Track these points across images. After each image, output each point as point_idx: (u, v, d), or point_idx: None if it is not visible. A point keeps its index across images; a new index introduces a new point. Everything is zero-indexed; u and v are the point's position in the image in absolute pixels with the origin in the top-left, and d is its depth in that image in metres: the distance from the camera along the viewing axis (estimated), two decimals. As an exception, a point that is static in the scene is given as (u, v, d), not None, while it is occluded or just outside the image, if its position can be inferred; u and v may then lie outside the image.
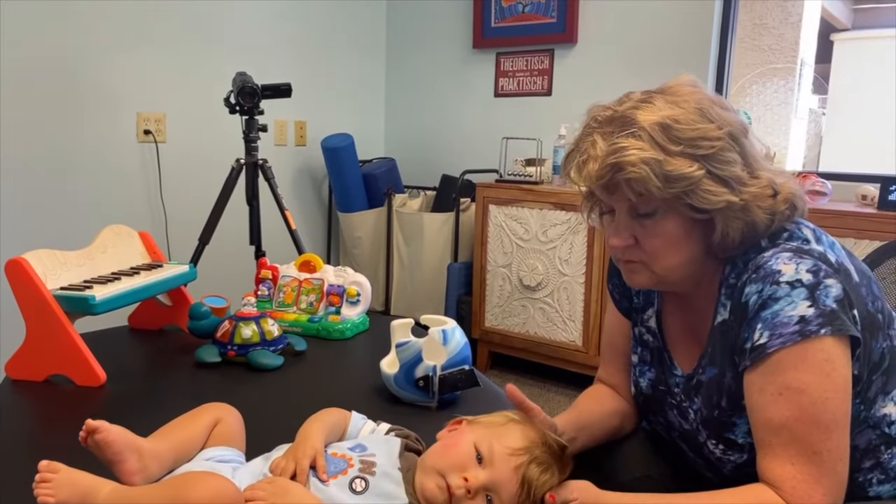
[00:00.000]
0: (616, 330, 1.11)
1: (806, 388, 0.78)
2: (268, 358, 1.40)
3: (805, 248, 0.84)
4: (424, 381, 1.21)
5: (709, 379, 0.91)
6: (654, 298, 1.04)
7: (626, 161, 0.82)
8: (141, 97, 2.68)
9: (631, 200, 0.86)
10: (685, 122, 0.83)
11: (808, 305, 0.79)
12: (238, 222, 2.57)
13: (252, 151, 2.33)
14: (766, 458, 0.82)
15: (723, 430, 0.89)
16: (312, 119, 3.40)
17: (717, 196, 0.83)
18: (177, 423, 0.86)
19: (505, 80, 3.36)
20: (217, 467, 0.78)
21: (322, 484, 0.78)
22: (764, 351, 0.81)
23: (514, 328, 2.96)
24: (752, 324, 0.82)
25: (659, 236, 0.87)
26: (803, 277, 0.80)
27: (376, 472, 0.80)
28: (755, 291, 0.83)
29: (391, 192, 3.33)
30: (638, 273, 0.92)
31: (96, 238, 1.51)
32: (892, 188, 2.07)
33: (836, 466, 0.79)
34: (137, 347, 1.57)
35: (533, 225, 2.84)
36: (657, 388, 1.03)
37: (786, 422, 0.79)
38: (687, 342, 0.99)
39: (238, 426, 0.89)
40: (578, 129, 0.91)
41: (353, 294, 1.67)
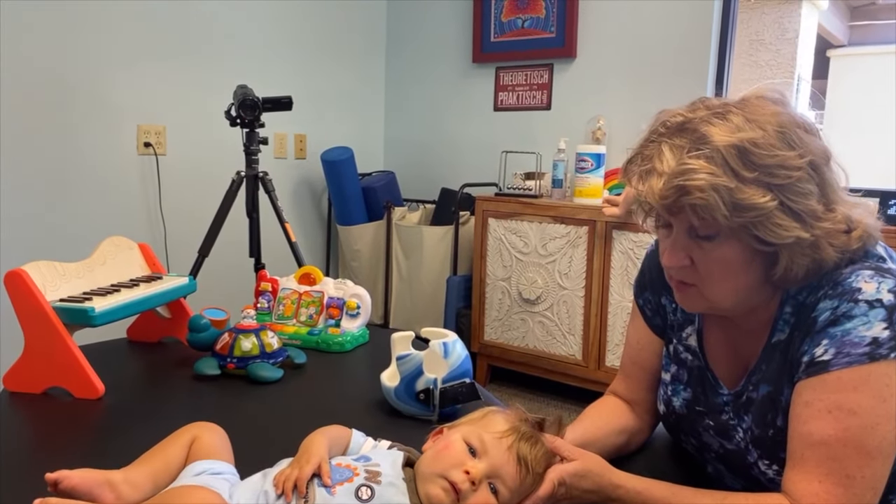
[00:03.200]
0: (646, 345, 1.07)
1: (859, 410, 0.76)
2: (267, 371, 1.39)
3: (885, 267, 0.80)
4: (425, 394, 1.20)
5: (762, 397, 0.88)
6: (695, 316, 1.00)
7: (693, 185, 0.76)
8: (141, 110, 2.69)
9: (689, 222, 0.81)
10: (764, 148, 0.77)
11: (884, 328, 0.76)
12: (238, 235, 2.57)
13: (252, 164, 2.34)
14: (794, 469, 0.80)
15: (777, 450, 0.86)
16: (312, 132, 3.41)
17: (787, 231, 0.78)
18: (153, 450, 0.84)
19: (504, 94, 3.37)
20: (211, 481, 0.77)
21: (328, 492, 0.77)
22: (825, 367, 0.78)
23: (513, 342, 2.95)
24: (817, 338, 0.80)
25: (717, 262, 0.82)
26: (884, 298, 0.77)
27: (381, 482, 0.79)
28: (829, 307, 0.79)
29: (390, 206, 3.34)
30: (691, 297, 0.86)
31: (96, 250, 1.50)
32: (891, 202, 2.07)
33: (865, 494, 0.77)
34: (136, 360, 1.56)
35: (532, 238, 2.84)
36: (693, 409, 0.99)
37: (827, 440, 0.77)
38: (729, 360, 0.96)
39: (219, 440, 0.87)
40: (644, 132, 0.86)
41: (353, 307, 1.67)
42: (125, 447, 0.88)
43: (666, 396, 1.03)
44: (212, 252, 2.39)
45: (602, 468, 0.82)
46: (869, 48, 7.72)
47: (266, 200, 2.43)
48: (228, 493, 0.76)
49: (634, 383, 1.10)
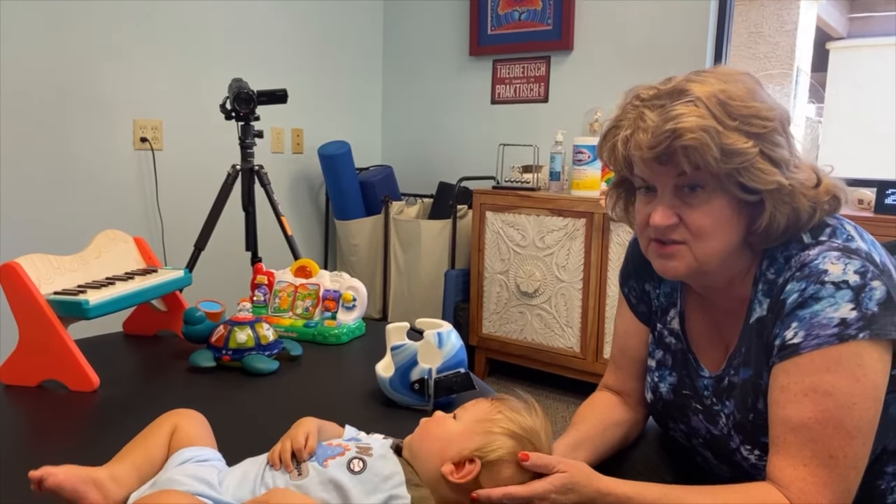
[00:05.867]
0: (633, 334, 1.07)
1: (834, 391, 0.77)
2: (263, 363, 1.39)
3: (852, 248, 0.81)
4: (420, 385, 1.20)
5: (743, 381, 0.89)
6: (677, 299, 1.01)
7: (684, 127, 0.78)
8: (137, 105, 2.68)
9: (677, 177, 0.82)
10: (739, 100, 0.80)
11: (852, 308, 0.77)
12: (234, 228, 2.57)
13: (248, 157, 2.33)
14: (777, 455, 0.80)
15: (758, 435, 0.86)
16: (309, 127, 3.40)
17: (769, 176, 0.80)
18: (134, 442, 0.84)
19: (502, 88, 3.36)
20: (199, 470, 0.77)
21: (319, 464, 0.77)
22: (796, 350, 0.79)
23: (511, 335, 2.95)
24: (787, 321, 0.80)
25: (706, 214, 0.82)
26: (850, 279, 0.78)
27: (373, 455, 0.80)
28: (797, 290, 0.80)
29: (388, 200, 3.33)
30: (676, 258, 0.85)
31: (90, 243, 1.50)
32: (888, 192, 2.07)
33: (849, 474, 0.77)
34: (132, 353, 1.56)
35: (530, 231, 2.84)
36: (679, 393, 0.99)
37: (806, 422, 0.77)
38: (711, 343, 0.96)
39: (200, 427, 0.87)
40: (615, 110, 0.88)
41: (349, 299, 1.67)
42: (120, 439, 0.88)
43: (653, 383, 1.03)
44: (208, 246, 2.38)
45: (588, 479, 0.80)
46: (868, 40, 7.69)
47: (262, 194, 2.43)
48: (217, 479, 0.76)
49: (624, 374, 1.09)
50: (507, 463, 0.80)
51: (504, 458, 0.80)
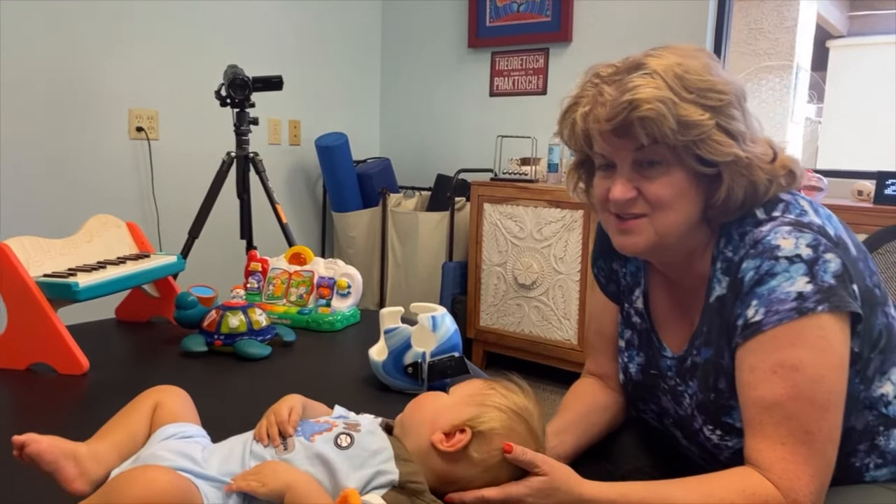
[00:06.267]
0: (605, 315, 1.08)
1: (801, 365, 0.76)
2: (255, 347, 1.37)
3: (804, 222, 0.81)
4: (413, 368, 1.19)
5: (704, 360, 0.88)
6: (641, 278, 1.01)
7: (641, 98, 0.78)
8: (133, 94, 2.67)
9: (635, 151, 0.82)
10: (695, 73, 0.81)
11: (807, 281, 0.77)
12: (229, 216, 2.54)
13: (243, 144, 2.32)
14: (755, 437, 0.79)
15: (720, 415, 0.86)
16: (307, 118, 3.39)
17: (726, 147, 0.80)
18: (115, 419, 0.82)
19: (500, 80, 3.35)
20: (182, 445, 0.75)
21: (306, 439, 0.76)
22: (759, 328, 0.78)
23: (509, 327, 2.94)
24: (747, 300, 0.80)
25: (665, 186, 0.83)
26: (802, 252, 0.78)
27: (361, 430, 0.78)
28: (752, 267, 0.80)
29: (386, 192, 3.31)
30: (636, 233, 0.86)
31: (82, 227, 1.49)
32: (888, 182, 2.05)
33: (826, 447, 0.77)
34: (123, 338, 1.55)
35: (528, 223, 2.82)
36: (648, 373, 0.99)
37: (779, 400, 0.77)
38: (676, 323, 0.96)
39: (183, 403, 0.85)
40: (575, 89, 0.88)
41: (344, 286, 1.65)
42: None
43: (623, 364, 1.03)
44: (203, 234, 2.37)
45: (570, 484, 0.78)
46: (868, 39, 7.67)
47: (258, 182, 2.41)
48: (201, 455, 0.75)
49: (602, 356, 1.09)
50: (499, 436, 0.79)
51: (496, 430, 0.79)
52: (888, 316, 0.86)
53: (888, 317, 0.86)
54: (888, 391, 0.86)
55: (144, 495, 0.62)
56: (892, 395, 0.86)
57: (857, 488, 0.85)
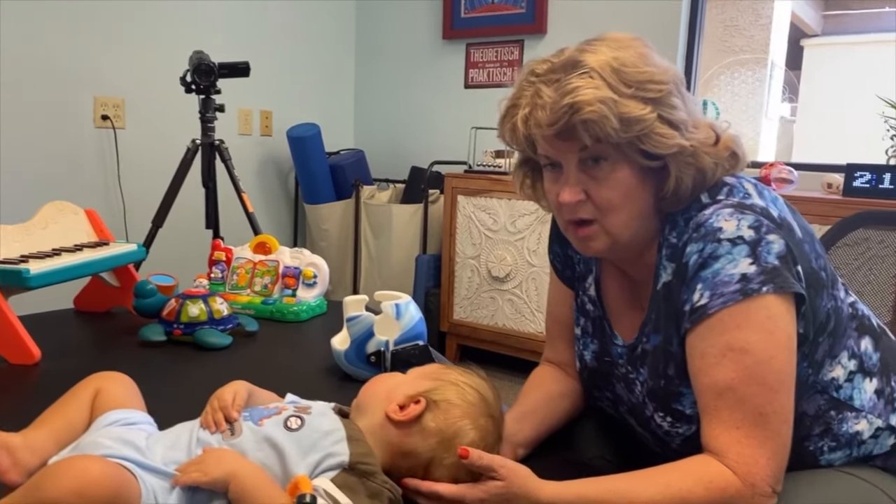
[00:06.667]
0: (561, 302, 1.07)
1: (749, 347, 0.76)
2: (216, 337, 1.34)
3: (747, 203, 0.80)
4: (376, 357, 1.17)
5: (654, 348, 0.87)
6: (593, 265, 1.00)
7: (582, 100, 0.76)
8: (98, 80, 2.60)
9: (580, 151, 0.81)
10: (632, 66, 0.79)
11: (750, 263, 0.76)
12: (195, 206, 2.48)
13: (208, 132, 2.27)
14: (710, 424, 0.78)
15: (670, 401, 0.86)
16: (279, 109, 3.34)
17: (669, 139, 0.79)
18: (53, 407, 0.80)
19: (475, 72, 3.33)
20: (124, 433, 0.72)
21: (254, 423, 0.73)
22: (705, 312, 0.77)
23: (482, 320, 2.92)
24: (692, 284, 0.79)
25: (613, 188, 0.82)
26: (745, 234, 0.77)
27: (312, 413, 0.76)
28: (696, 251, 0.79)
29: (359, 184, 3.28)
30: (593, 239, 0.85)
31: (37, 214, 1.44)
32: (856, 175, 2.07)
33: (781, 428, 0.76)
34: (81, 328, 1.51)
35: (502, 215, 2.80)
36: (602, 360, 0.98)
37: (731, 384, 0.76)
38: (627, 311, 0.95)
39: (126, 390, 0.82)
40: (513, 88, 0.86)
41: (310, 276, 1.62)
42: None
43: (578, 351, 1.02)
44: (168, 223, 2.31)
45: (528, 489, 0.76)
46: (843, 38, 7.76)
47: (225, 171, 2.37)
48: (145, 443, 0.72)
49: (560, 343, 1.08)
50: (456, 407, 0.78)
51: (452, 401, 0.78)
52: (836, 299, 0.85)
53: (836, 300, 0.85)
54: (838, 375, 0.85)
55: (74, 487, 0.59)
56: (842, 378, 0.85)
57: (813, 473, 0.84)
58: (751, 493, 0.74)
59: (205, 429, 0.75)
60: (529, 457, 0.93)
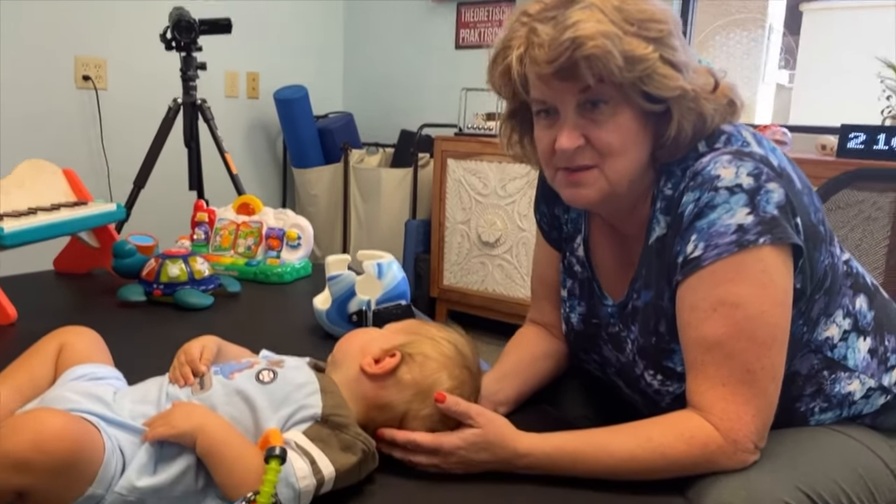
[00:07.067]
0: (547, 263, 1.03)
1: (741, 301, 0.73)
2: (196, 297, 1.32)
3: (746, 151, 0.77)
4: (358, 317, 1.15)
5: (644, 304, 0.85)
6: (582, 225, 0.96)
7: (584, 35, 0.71)
8: (78, 39, 2.53)
9: (579, 93, 0.76)
10: (632, 3, 0.75)
11: (748, 212, 0.73)
12: (179, 167, 2.43)
13: (190, 91, 2.21)
14: (696, 379, 0.76)
15: (660, 359, 0.83)
16: (266, 71, 3.27)
17: (672, 81, 0.75)
18: (15, 363, 0.77)
19: (466, 32, 3.26)
20: (91, 387, 0.70)
21: (225, 377, 0.72)
22: (698, 264, 0.74)
23: (472, 286, 2.91)
24: (687, 235, 0.76)
25: (614, 131, 0.77)
26: (743, 182, 0.73)
27: (285, 366, 0.74)
28: (692, 200, 0.76)
29: (347, 147, 3.23)
30: (587, 185, 0.79)
31: (12, 172, 1.40)
32: (850, 136, 2.04)
33: (769, 386, 0.74)
34: (60, 289, 1.48)
35: (492, 179, 2.77)
36: (589, 323, 0.96)
37: (720, 339, 0.73)
38: (617, 270, 0.92)
39: (91, 344, 0.80)
40: (502, 31, 0.81)
41: (294, 237, 1.59)
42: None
43: (565, 314, 0.99)
44: (152, 184, 2.27)
45: (505, 439, 0.75)
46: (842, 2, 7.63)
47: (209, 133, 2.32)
48: (113, 398, 0.70)
49: (545, 304, 1.05)
50: (432, 360, 0.77)
51: (428, 354, 0.77)
52: (833, 256, 0.83)
53: (833, 257, 0.83)
54: (833, 334, 0.83)
55: (32, 441, 0.57)
56: (837, 338, 0.83)
57: (799, 431, 0.83)
58: (733, 449, 0.73)
59: (174, 383, 0.73)
60: (510, 413, 0.92)
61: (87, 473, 0.60)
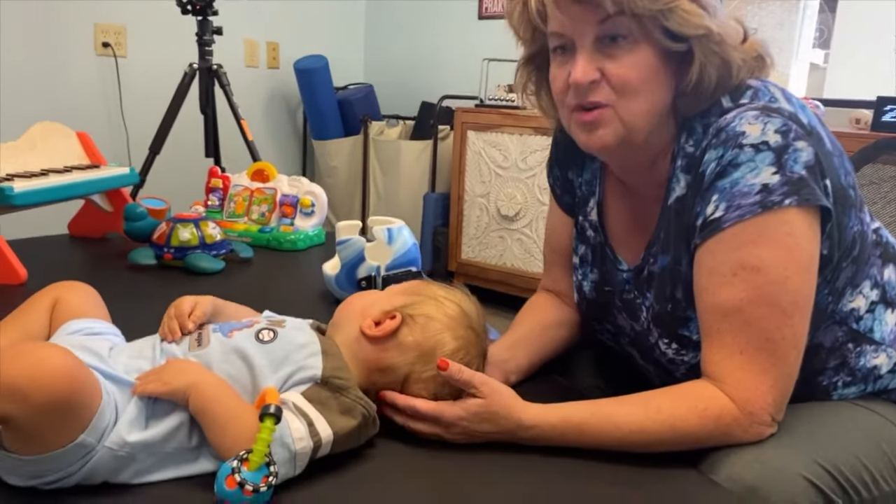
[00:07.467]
0: (560, 229, 0.99)
1: (764, 265, 0.68)
2: (207, 262, 1.31)
3: (773, 107, 0.72)
4: (367, 282, 1.12)
5: (661, 269, 0.80)
6: (597, 187, 0.92)
7: None
8: (98, 6, 2.51)
9: (598, 24, 0.72)
10: None
11: (774, 172, 0.68)
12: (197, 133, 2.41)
13: (206, 56, 2.19)
14: (712, 347, 0.72)
15: (676, 327, 0.79)
16: (286, 40, 3.24)
17: (696, 19, 0.70)
18: (7, 318, 0.76)
19: (489, 2, 3.19)
20: (87, 341, 0.69)
21: (223, 335, 0.70)
22: (718, 226, 0.70)
23: (490, 260, 2.88)
24: (707, 195, 0.72)
25: (632, 67, 0.72)
26: (770, 139, 0.69)
27: (286, 326, 0.73)
28: (714, 158, 0.71)
29: (367, 119, 3.20)
30: (602, 125, 0.75)
31: (24, 133, 1.40)
32: (886, 108, 1.96)
33: (789, 355, 0.70)
34: (72, 252, 1.48)
35: (513, 152, 2.72)
36: (602, 291, 0.92)
37: (739, 304, 0.69)
38: (633, 233, 0.88)
39: (87, 299, 0.78)
40: None
41: (308, 204, 1.57)
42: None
43: (577, 282, 0.95)
44: (169, 151, 2.26)
45: (510, 409, 0.72)
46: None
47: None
48: (108, 353, 0.68)
49: (558, 271, 1.01)
50: (435, 321, 0.74)
51: (430, 314, 0.74)
52: (862, 223, 0.78)
53: (863, 224, 0.78)
54: (860, 305, 0.79)
55: (29, 371, 0.55)
56: (863, 309, 0.79)
57: (820, 404, 0.79)
58: (748, 421, 0.69)
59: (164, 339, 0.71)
60: (520, 383, 0.89)
61: (81, 419, 0.58)
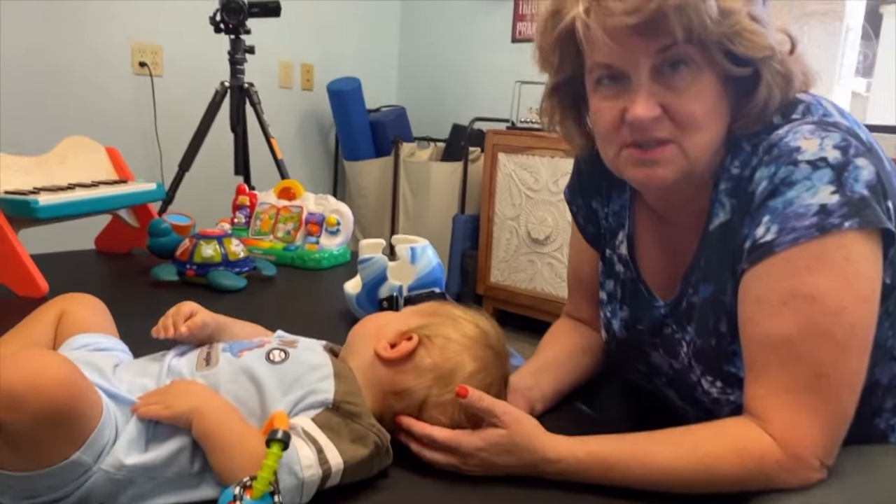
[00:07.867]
0: (582, 257, 0.94)
1: (819, 294, 0.62)
2: (229, 279, 1.29)
3: (830, 121, 0.66)
4: (388, 302, 1.09)
5: (703, 300, 0.74)
6: (626, 219, 0.85)
7: None
8: (135, 24, 2.55)
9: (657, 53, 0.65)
10: None
11: (832, 191, 0.61)
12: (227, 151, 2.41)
13: (237, 74, 2.20)
14: (756, 383, 0.65)
15: (721, 363, 0.72)
16: (320, 63, 3.26)
17: (761, 39, 0.64)
18: (12, 331, 0.74)
19: (523, 25, 3.18)
20: (91, 357, 0.66)
21: (233, 355, 0.67)
22: (770, 249, 0.63)
23: (520, 284, 2.82)
24: (758, 217, 0.65)
25: (695, 99, 0.66)
26: (829, 155, 0.62)
27: (298, 346, 0.69)
28: (766, 176, 0.65)
29: (398, 140, 3.19)
30: (664, 164, 0.68)
31: (54, 147, 1.40)
32: (935, 134, 1.87)
33: (843, 394, 0.63)
34: (97, 267, 1.48)
35: (544, 174, 2.68)
36: (633, 329, 0.85)
37: (788, 336, 0.62)
38: (665, 265, 0.81)
39: (93, 313, 0.76)
40: None
41: (333, 223, 1.55)
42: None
43: (605, 319, 0.89)
44: (199, 168, 2.27)
45: (533, 442, 0.67)
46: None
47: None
48: (112, 370, 0.66)
49: (582, 301, 0.96)
50: (453, 342, 0.70)
51: (449, 335, 0.70)
52: None
53: None
54: None
55: (28, 378, 0.52)
56: None
57: (878, 448, 0.72)
58: (794, 465, 0.63)
59: (178, 356, 0.69)
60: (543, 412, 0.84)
61: (79, 433, 0.55)
